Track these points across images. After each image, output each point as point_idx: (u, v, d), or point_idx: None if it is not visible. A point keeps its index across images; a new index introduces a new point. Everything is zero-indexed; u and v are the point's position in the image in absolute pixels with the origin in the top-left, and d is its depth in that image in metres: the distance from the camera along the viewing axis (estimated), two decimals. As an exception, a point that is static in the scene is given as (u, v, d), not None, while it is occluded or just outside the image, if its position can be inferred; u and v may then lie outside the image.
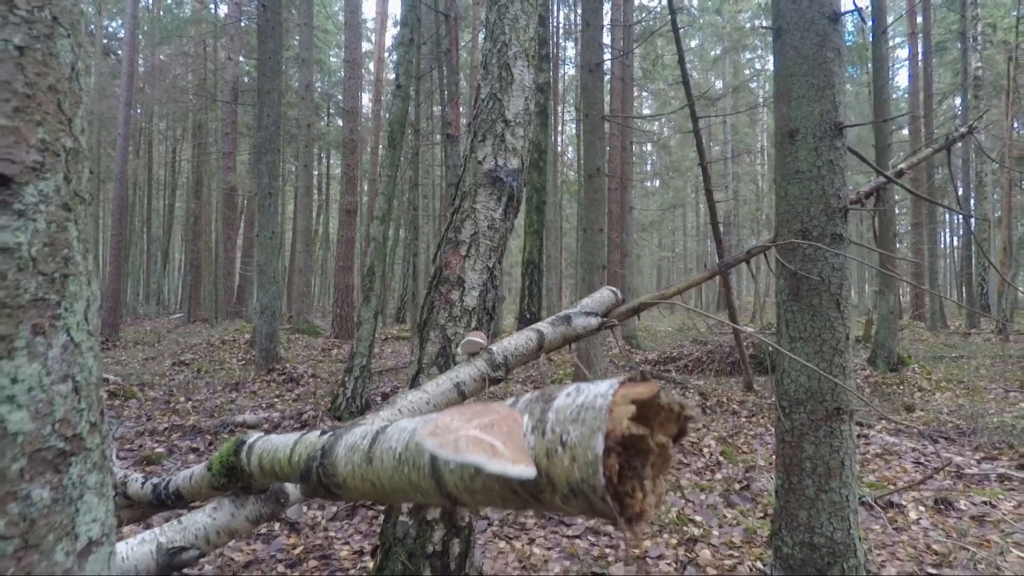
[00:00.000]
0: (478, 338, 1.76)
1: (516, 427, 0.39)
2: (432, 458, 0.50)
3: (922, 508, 3.91)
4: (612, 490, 0.34)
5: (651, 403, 0.35)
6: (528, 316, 10.46)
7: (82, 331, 0.54)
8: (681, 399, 0.37)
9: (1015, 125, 18.12)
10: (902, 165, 2.51)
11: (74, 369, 0.53)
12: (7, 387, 0.47)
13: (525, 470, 0.36)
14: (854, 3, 2.48)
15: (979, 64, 15.55)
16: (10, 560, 0.47)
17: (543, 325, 1.94)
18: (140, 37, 18.59)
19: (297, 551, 3.46)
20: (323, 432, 0.85)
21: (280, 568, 3.27)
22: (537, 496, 0.40)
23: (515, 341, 1.84)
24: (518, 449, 0.37)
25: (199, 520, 1.28)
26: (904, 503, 3.98)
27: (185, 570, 3.32)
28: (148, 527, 2.01)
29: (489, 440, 0.37)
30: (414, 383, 2.19)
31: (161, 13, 22.73)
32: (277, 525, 3.83)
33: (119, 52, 19.97)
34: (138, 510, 1.68)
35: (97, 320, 0.58)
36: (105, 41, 22.33)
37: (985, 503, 3.98)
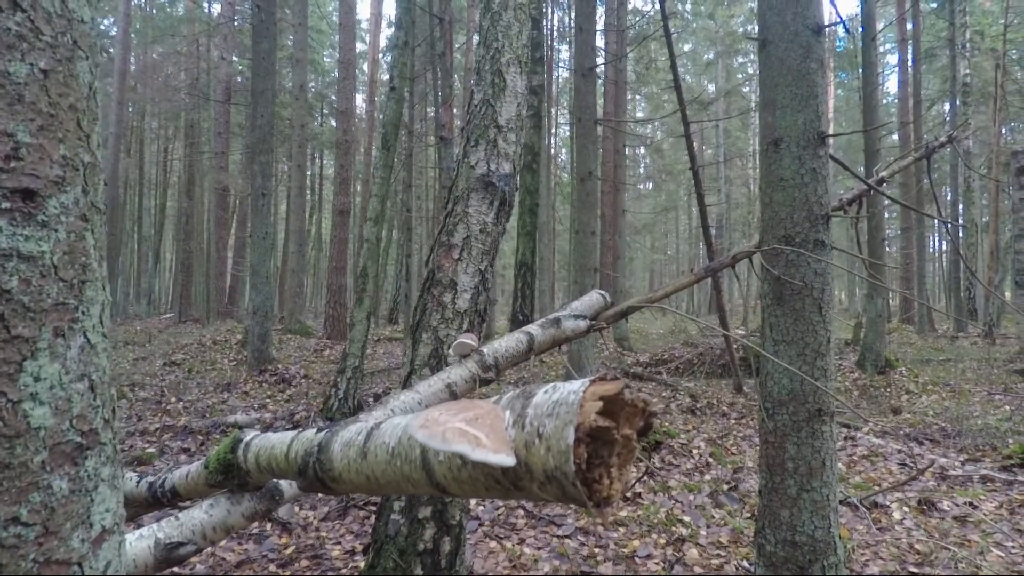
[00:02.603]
0: (469, 340, 1.80)
1: (498, 421, 0.44)
2: (423, 451, 0.54)
3: (906, 509, 3.98)
4: (581, 476, 0.39)
5: (616, 399, 0.40)
6: (521, 318, 10.51)
7: (97, 333, 0.58)
8: (645, 396, 0.42)
9: (1003, 131, 18.34)
10: (883, 173, 2.58)
11: (90, 368, 0.57)
12: (31, 385, 0.51)
13: (505, 458, 0.40)
14: (838, 15, 2.54)
15: (967, 71, 15.75)
16: (32, 545, 0.51)
17: (533, 328, 1.98)
18: (132, 35, 18.52)
19: (289, 551, 3.48)
20: (319, 429, 0.89)
21: (272, 568, 3.30)
22: (517, 484, 0.44)
23: (505, 343, 1.89)
24: (500, 440, 0.41)
25: (196, 516, 1.32)
26: (889, 504, 4.05)
27: (177, 569, 3.33)
28: (139, 527, 2.05)
29: (473, 432, 0.41)
30: (406, 384, 2.22)
31: (154, 11, 22.62)
32: (269, 525, 3.85)
33: (111, 50, 19.87)
34: (131, 509, 1.71)
35: (109, 323, 0.62)
36: (97, 39, 22.18)
37: (967, 504, 4.06)
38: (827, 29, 2.46)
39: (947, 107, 19.63)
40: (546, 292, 15.57)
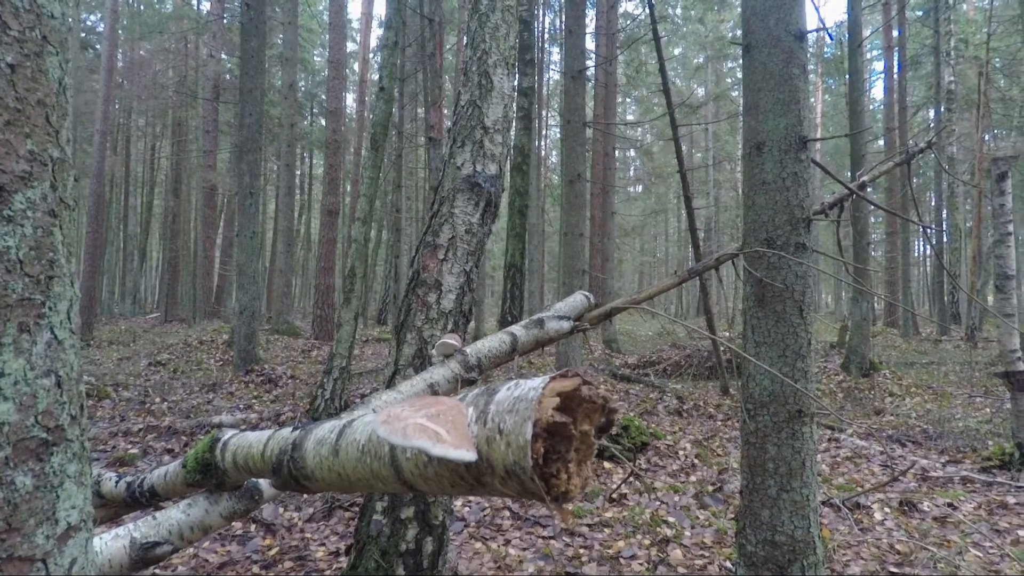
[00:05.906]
0: (453, 340, 1.80)
1: (460, 417, 0.44)
2: (391, 448, 0.54)
3: (887, 509, 4.02)
4: (539, 472, 0.39)
5: (573, 395, 0.41)
6: (510, 319, 10.52)
7: (65, 329, 0.58)
8: (604, 393, 0.43)
9: (986, 138, 18.60)
10: (865, 178, 2.61)
11: (57, 364, 0.56)
12: (-6, 380, 0.51)
13: (465, 454, 0.40)
14: (821, 22, 2.58)
15: (952, 78, 15.99)
16: (-6, 541, 0.50)
17: (517, 328, 1.99)
18: (120, 31, 18.33)
19: (272, 552, 3.45)
20: (295, 428, 0.89)
21: (255, 569, 3.27)
22: (480, 479, 0.45)
23: (489, 344, 1.89)
24: (461, 436, 0.42)
25: (173, 516, 1.31)
26: (870, 505, 4.10)
27: (157, 569, 3.30)
28: (119, 526, 2.02)
29: (434, 428, 0.41)
30: (390, 384, 2.22)
31: (142, 8, 22.41)
32: (253, 526, 3.82)
33: (98, 47, 19.66)
34: (111, 509, 1.69)
35: (78, 319, 0.62)
36: (83, 35, 21.93)
37: (948, 505, 4.11)
38: (812, 35, 2.50)
39: (932, 113, 19.90)
40: (535, 294, 15.58)
